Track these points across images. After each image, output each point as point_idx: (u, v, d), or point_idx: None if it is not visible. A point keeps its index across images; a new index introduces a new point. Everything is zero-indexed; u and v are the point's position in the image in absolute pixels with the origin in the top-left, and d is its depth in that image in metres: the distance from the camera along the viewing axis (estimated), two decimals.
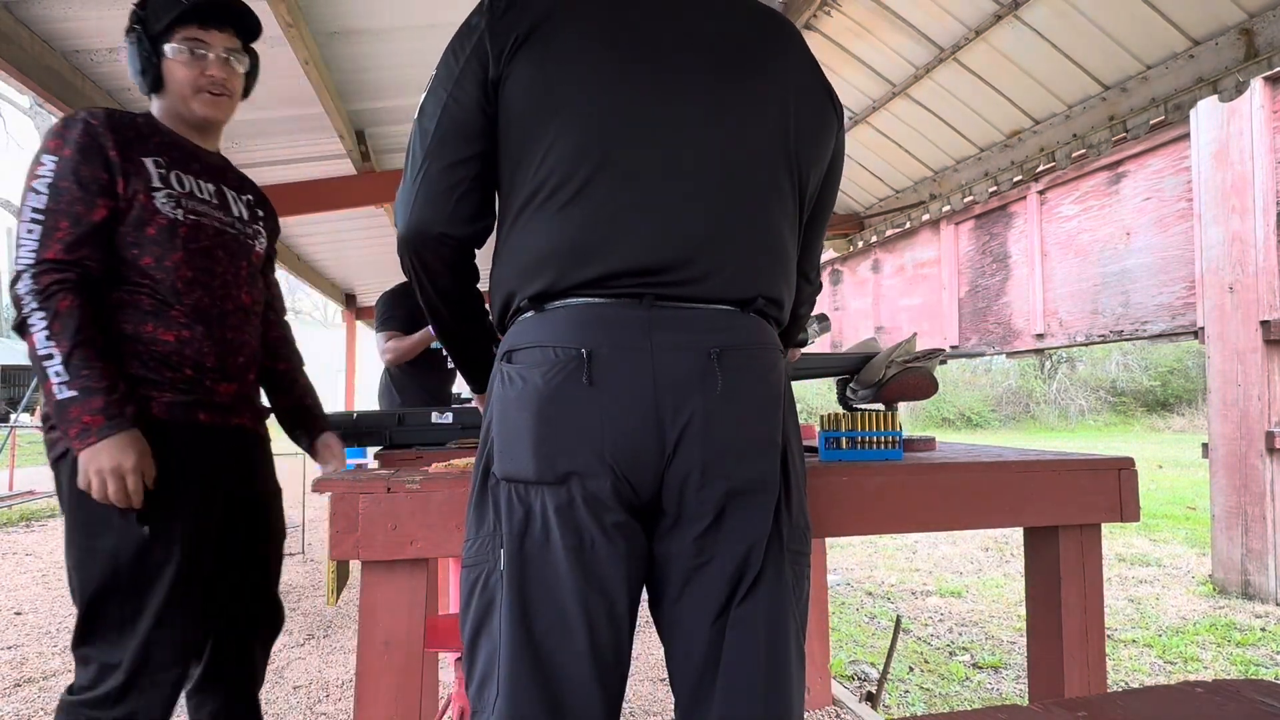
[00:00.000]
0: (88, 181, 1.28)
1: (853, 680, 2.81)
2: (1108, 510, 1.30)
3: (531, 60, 0.90)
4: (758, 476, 0.89)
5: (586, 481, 0.85)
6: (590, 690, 0.85)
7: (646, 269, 0.87)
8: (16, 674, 2.79)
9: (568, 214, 0.89)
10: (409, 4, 2.56)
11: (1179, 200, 4.10)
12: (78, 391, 1.21)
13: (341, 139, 3.39)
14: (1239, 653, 3.16)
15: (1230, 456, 4.15)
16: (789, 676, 0.89)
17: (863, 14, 2.90)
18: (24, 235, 1.25)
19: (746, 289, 0.92)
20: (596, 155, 0.89)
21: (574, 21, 0.92)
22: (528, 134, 0.91)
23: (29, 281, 1.23)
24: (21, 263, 1.24)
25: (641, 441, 0.85)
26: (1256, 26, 2.14)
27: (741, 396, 0.88)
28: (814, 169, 1.02)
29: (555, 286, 0.89)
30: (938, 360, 1.56)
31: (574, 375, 0.86)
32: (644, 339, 0.86)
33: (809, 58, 1.03)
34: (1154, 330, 4.18)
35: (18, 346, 25.85)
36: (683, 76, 0.92)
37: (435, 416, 1.90)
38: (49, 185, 1.27)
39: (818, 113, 1.01)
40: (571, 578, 0.85)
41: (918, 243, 5.78)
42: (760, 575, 0.88)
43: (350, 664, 2.89)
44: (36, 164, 1.29)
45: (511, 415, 0.89)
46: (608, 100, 0.90)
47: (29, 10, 2.25)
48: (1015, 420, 22.17)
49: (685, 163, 0.91)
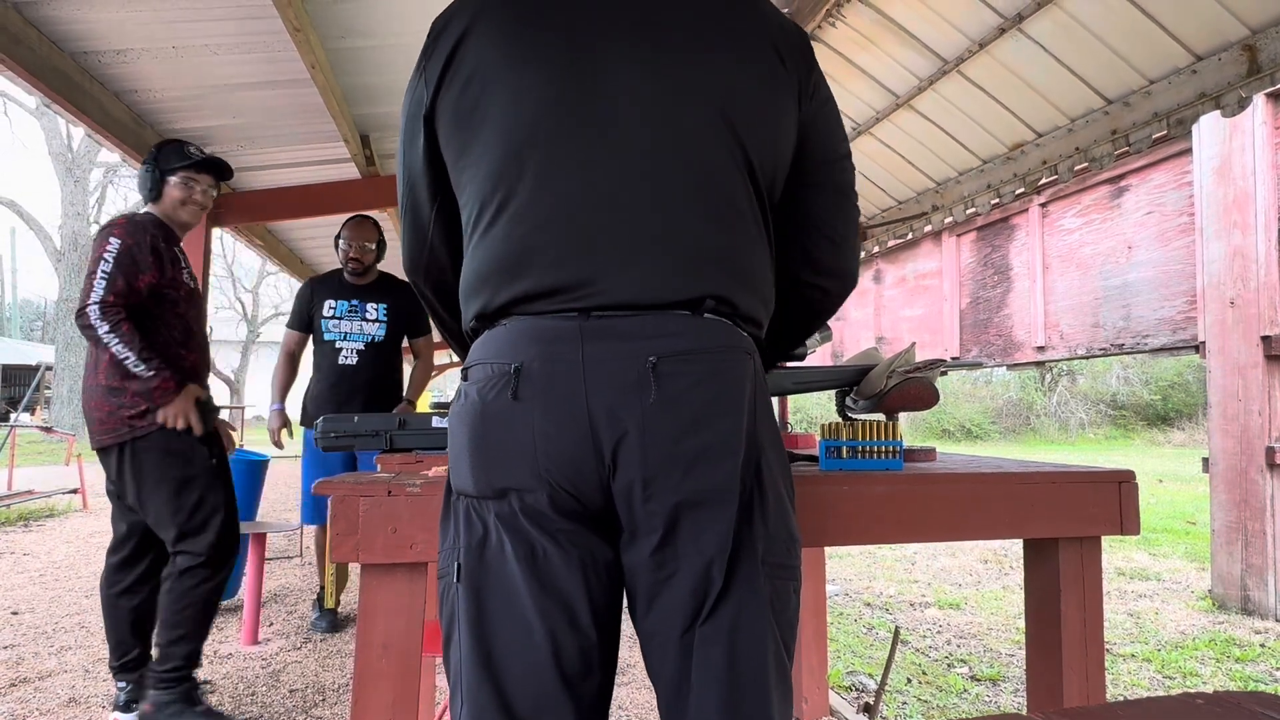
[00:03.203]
0: (140, 259, 2.16)
1: (850, 691, 2.80)
2: (1108, 523, 1.29)
3: (458, 82, 0.91)
4: (711, 487, 0.83)
5: (524, 496, 0.84)
6: (558, 700, 0.83)
7: (573, 280, 0.84)
8: (13, 674, 2.78)
9: (495, 233, 0.88)
10: (414, 9, 2.57)
11: (1180, 215, 4.11)
12: (154, 373, 2.11)
13: (347, 143, 3.41)
14: (1238, 668, 3.15)
15: (1230, 471, 4.15)
16: (765, 697, 0.83)
17: (867, 26, 2.91)
18: (97, 283, 2.07)
19: (690, 290, 0.85)
20: (514, 170, 0.87)
21: (492, 30, 0.90)
22: (464, 156, 0.92)
23: (97, 309, 2.05)
24: (94, 296, 2.06)
25: (578, 455, 0.83)
26: (1259, 43, 2.15)
27: (685, 404, 0.82)
28: (766, 144, 0.92)
29: (490, 306, 0.88)
30: (938, 371, 1.56)
31: (504, 391, 0.85)
32: (575, 351, 0.83)
33: (758, 16, 0.94)
34: (1155, 344, 4.18)
35: (19, 346, 25.85)
36: (604, 71, 0.87)
37: (436, 421, 1.90)
38: (114, 257, 2.11)
39: (764, 80, 0.92)
40: (528, 587, 0.84)
41: (919, 254, 5.79)
42: (727, 590, 0.83)
43: (347, 667, 2.88)
44: (104, 242, 2.12)
45: (456, 431, 0.90)
46: (521, 110, 0.87)
47: (38, 11, 2.27)
48: (1015, 432, 22.14)
49: (608, 164, 0.86)
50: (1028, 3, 2.48)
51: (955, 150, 3.41)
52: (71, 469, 8.43)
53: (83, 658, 2.95)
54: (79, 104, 2.59)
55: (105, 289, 2.07)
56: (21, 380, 22.65)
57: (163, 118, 3.09)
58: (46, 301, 36.58)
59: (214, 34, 2.52)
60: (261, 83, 2.88)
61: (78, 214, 18.24)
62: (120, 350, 2.06)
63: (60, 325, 17.56)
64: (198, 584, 2.19)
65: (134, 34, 2.46)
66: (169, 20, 2.40)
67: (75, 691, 2.60)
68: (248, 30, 2.50)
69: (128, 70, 2.68)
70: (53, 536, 5.78)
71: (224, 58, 2.67)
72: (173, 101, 2.96)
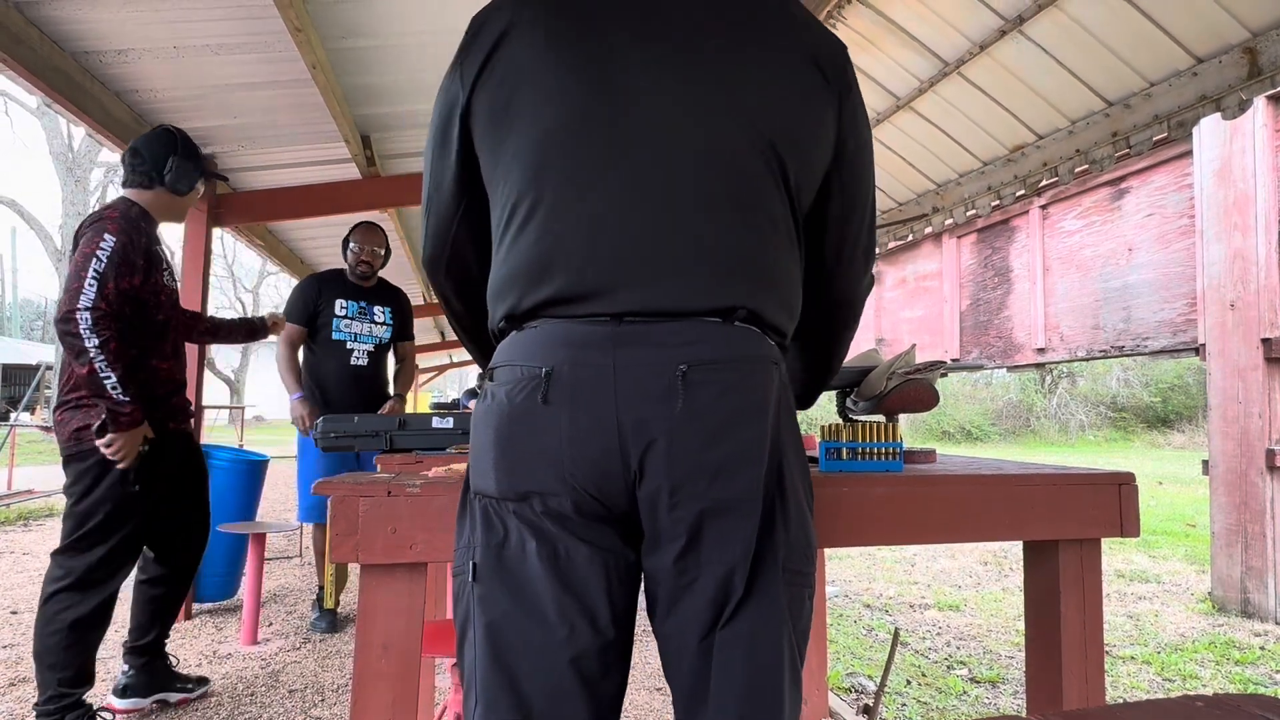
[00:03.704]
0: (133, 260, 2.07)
1: (850, 693, 2.80)
2: (1108, 525, 1.29)
3: (494, 82, 0.90)
4: (735, 495, 0.83)
5: (547, 499, 0.85)
6: (574, 699, 0.84)
7: (604, 285, 0.84)
8: (11, 673, 2.78)
9: (525, 234, 0.88)
10: (414, 10, 2.57)
11: (1181, 217, 4.11)
12: (127, 400, 2.00)
13: (347, 144, 3.40)
14: (1238, 671, 3.15)
15: (1230, 474, 4.15)
16: (780, 703, 0.85)
17: (868, 28, 2.91)
18: (87, 285, 1.94)
19: (723, 298, 0.85)
20: (547, 172, 0.87)
21: (530, 31, 0.90)
22: (496, 156, 0.91)
23: (89, 319, 1.93)
24: (83, 301, 1.93)
25: (605, 461, 0.83)
26: (1260, 45, 2.15)
27: (712, 413, 0.83)
28: (802, 155, 0.92)
29: (519, 307, 0.88)
30: (938, 372, 1.56)
31: (533, 394, 0.85)
32: (607, 357, 0.83)
33: (799, 27, 0.94)
34: (1155, 346, 4.18)
35: (19, 346, 25.85)
36: (641, 74, 0.87)
37: (436, 421, 1.91)
38: (108, 255, 1.99)
39: (800, 89, 0.91)
40: (550, 587, 0.84)
41: (920, 255, 5.79)
42: (747, 597, 0.84)
43: (347, 668, 2.88)
44: (98, 238, 2.00)
45: (479, 431, 0.90)
46: (558, 111, 0.87)
47: (39, 11, 2.27)
48: (1015, 434, 22.14)
49: (641, 169, 0.86)
50: (1028, 4, 2.48)
51: (956, 152, 3.41)
52: None
53: None
54: (80, 104, 2.59)
55: (96, 294, 1.94)
56: (21, 380, 22.66)
57: (164, 118, 3.09)
58: (47, 301, 36.64)
59: (215, 34, 2.52)
60: (262, 83, 2.88)
61: (78, 214, 18.24)
62: (102, 369, 1.95)
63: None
64: (62, 609, 2.09)
65: (135, 34, 2.46)
66: (170, 20, 2.40)
67: None
68: (249, 30, 2.50)
69: (129, 70, 2.68)
70: (52, 536, 5.78)
71: (225, 58, 2.67)
72: (174, 101, 2.96)
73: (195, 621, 3.50)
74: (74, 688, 2.13)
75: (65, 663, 2.09)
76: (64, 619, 2.08)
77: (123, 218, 2.08)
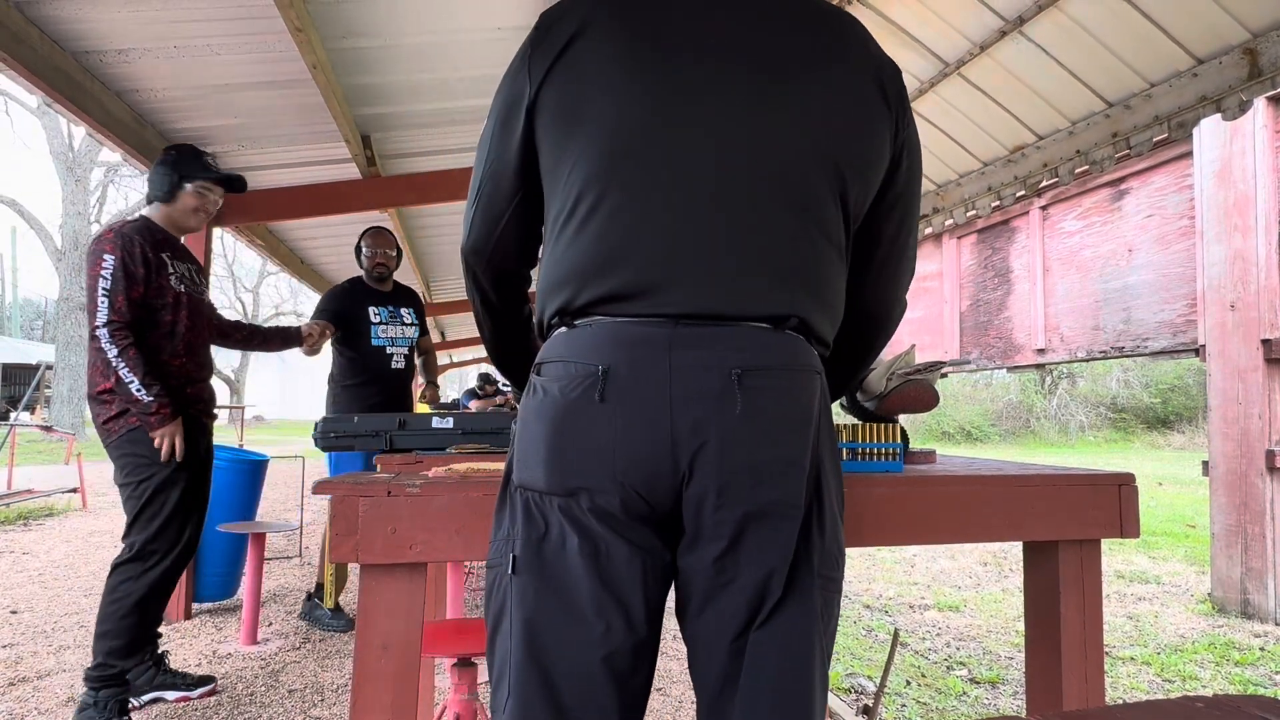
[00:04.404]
0: (132, 271, 2.25)
1: (849, 693, 2.80)
2: (1108, 525, 1.29)
3: (563, 79, 0.91)
4: (778, 500, 0.85)
5: (595, 496, 0.85)
6: (604, 694, 0.85)
7: (661, 286, 0.86)
8: (11, 673, 2.78)
9: (586, 231, 0.89)
10: (415, 10, 2.57)
11: (1181, 218, 4.11)
12: (153, 397, 2.24)
13: (348, 144, 3.41)
14: (1238, 672, 3.15)
15: (1230, 475, 4.15)
16: (810, 706, 0.86)
17: (868, 28, 2.92)
18: (100, 305, 2.20)
19: (776, 306, 0.87)
20: (611, 171, 0.88)
21: (603, 33, 0.91)
22: (560, 152, 0.92)
23: (107, 333, 2.19)
24: (100, 319, 2.20)
25: (656, 461, 0.84)
26: (1260, 46, 2.15)
27: (763, 418, 0.85)
28: (861, 173, 0.94)
29: (574, 303, 0.89)
30: (938, 373, 1.56)
31: (589, 391, 0.85)
32: (663, 358, 0.85)
33: (863, 47, 0.96)
34: (1155, 347, 4.18)
35: (19, 346, 25.85)
36: (709, 83, 0.89)
37: (436, 421, 1.91)
38: (110, 274, 2.21)
39: (864, 109, 0.94)
40: (589, 583, 0.85)
41: (920, 256, 5.79)
42: (783, 600, 0.86)
43: (346, 668, 2.88)
44: (99, 261, 2.22)
45: (530, 426, 0.90)
46: (625, 114, 0.88)
47: (40, 11, 2.27)
48: (1015, 435, 22.15)
49: (705, 175, 0.88)
50: (1028, 5, 2.49)
51: (956, 152, 3.41)
52: (71, 468, 8.43)
53: (82, 657, 2.94)
54: (80, 103, 2.59)
55: (109, 309, 2.21)
56: (21, 379, 22.66)
57: (164, 117, 3.09)
58: (47, 301, 36.61)
59: (215, 34, 2.52)
60: (263, 83, 2.89)
61: (78, 213, 18.25)
62: (126, 374, 2.21)
63: (60, 324, 17.55)
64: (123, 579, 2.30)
65: (135, 34, 2.47)
66: (170, 20, 2.40)
67: (74, 690, 2.60)
68: (249, 30, 2.51)
69: (129, 70, 2.69)
70: (52, 536, 5.78)
71: (225, 58, 2.67)
72: (174, 101, 2.97)
73: (195, 621, 3.51)
74: (120, 659, 2.29)
75: (119, 631, 2.28)
76: (124, 590, 2.29)
77: (118, 235, 2.27)
